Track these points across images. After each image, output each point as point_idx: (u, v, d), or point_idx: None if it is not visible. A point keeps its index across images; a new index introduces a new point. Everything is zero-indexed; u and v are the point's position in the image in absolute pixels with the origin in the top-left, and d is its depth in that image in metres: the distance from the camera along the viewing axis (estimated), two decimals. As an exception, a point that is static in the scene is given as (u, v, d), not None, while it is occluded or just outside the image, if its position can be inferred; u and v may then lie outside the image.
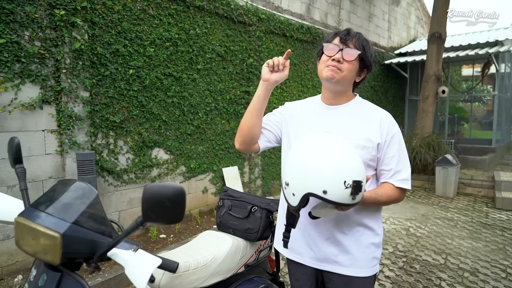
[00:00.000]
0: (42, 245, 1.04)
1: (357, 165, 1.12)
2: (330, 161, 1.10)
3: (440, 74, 7.80)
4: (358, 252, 1.38)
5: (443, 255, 3.67)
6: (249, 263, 1.80)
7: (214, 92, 4.67)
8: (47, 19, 2.97)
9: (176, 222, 0.99)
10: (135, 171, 3.81)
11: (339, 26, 7.53)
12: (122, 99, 3.60)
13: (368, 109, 1.43)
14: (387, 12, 9.64)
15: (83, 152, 3.06)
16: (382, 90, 9.29)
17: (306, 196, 1.10)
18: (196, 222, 4.42)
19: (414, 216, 5.10)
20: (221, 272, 1.63)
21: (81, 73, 3.19)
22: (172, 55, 4.05)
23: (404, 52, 10.02)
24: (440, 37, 7.57)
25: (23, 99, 2.90)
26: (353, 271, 1.38)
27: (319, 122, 1.43)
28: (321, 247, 1.40)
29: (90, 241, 1.07)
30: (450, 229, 4.53)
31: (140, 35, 3.70)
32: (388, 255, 3.65)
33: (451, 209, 5.47)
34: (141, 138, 3.83)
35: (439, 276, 3.20)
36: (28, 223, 1.05)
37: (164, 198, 0.94)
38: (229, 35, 4.81)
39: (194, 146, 4.48)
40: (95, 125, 3.39)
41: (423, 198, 6.22)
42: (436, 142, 7.13)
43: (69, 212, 1.08)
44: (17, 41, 2.81)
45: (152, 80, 3.85)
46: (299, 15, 6.42)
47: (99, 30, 3.34)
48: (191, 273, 1.52)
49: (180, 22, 4.11)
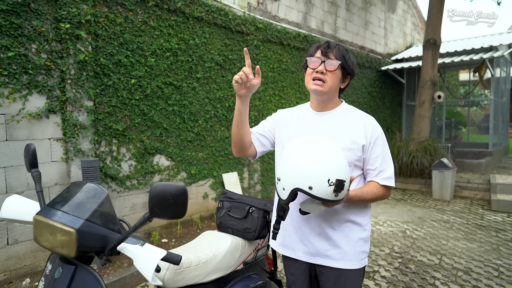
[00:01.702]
0: (59, 240, 1.15)
1: (341, 165, 1.25)
2: (316, 160, 1.23)
3: (436, 80, 7.95)
4: (347, 246, 1.49)
5: (438, 256, 3.76)
6: (247, 261, 1.91)
7: (214, 100, 4.80)
8: (53, 32, 3.11)
9: (179, 217, 1.11)
10: (137, 178, 3.92)
11: (335, 34, 7.71)
12: (125, 108, 3.73)
13: (353, 114, 1.56)
14: (383, 19, 9.84)
15: (87, 159, 3.18)
16: (380, 96, 9.44)
17: (294, 190, 1.24)
18: (197, 227, 4.52)
19: (411, 218, 5.19)
20: (221, 269, 1.74)
21: (85, 83, 3.32)
22: (172, 65, 4.20)
23: (401, 58, 10.20)
24: (435, 43, 7.73)
25: (31, 109, 3.03)
26: (343, 264, 1.49)
27: (310, 126, 1.56)
28: (313, 242, 1.51)
29: (101, 236, 1.19)
30: (445, 231, 4.62)
31: (142, 46, 3.84)
32: (384, 256, 3.74)
33: (447, 212, 5.57)
34: (143, 145, 3.95)
35: (434, 275, 3.30)
36: (46, 220, 1.17)
37: (169, 195, 1.06)
38: (228, 44, 4.96)
39: (195, 152, 4.60)
40: (99, 133, 3.52)
41: (420, 201, 6.32)
42: (433, 146, 7.24)
43: (82, 210, 1.20)
44: (24, 53, 2.95)
45: (153, 89, 3.99)
46: (296, 24, 6.59)
47: (102, 42, 3.48)
48: (192, 269, 1.63)
49: (180, 32, 4.26)
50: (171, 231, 4.30)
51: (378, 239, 4.31)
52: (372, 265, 3.53)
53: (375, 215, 5.39)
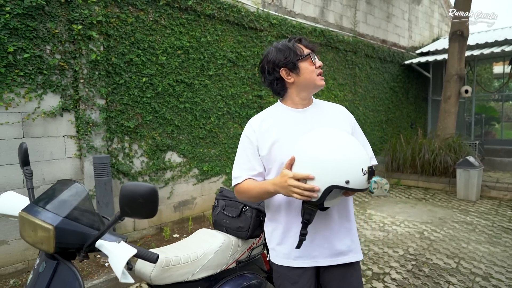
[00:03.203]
0: (40, 236, 1.19)
1: (364, 152, 1.24)
2: (348, 153, 1.19)
3: (463, 73, 7.56)
4: (355, 236, 1.50)
5: (456, 259, 3.59)
6: (240, 260, 1.90)
7: (226, 97, 4.81)
8: (66, 33, 3.23)
9: (150, 217, 1.12)
10: (149, 174, 4.01)
11: (355, 28, 7.50)
12: (136, 106, 3.82)
13: (327, 104, 1.59)
14: (407, 11, 9.45)
15: (99, 156, 3.28)
16: (403, 91, 9.11)
17: (330, 188, 1.15)
18: (209, 223, 4.57)
19: (430, 219, 4.99)
20: (211, 267, 1.74)
21: (98, 82, 3.43)
22: (183, 63, 4.24)
23: (426, 52, 9.76)
24: (462, 35, 7.34)
25: (45, 107, 3.17)
26: (355, 256, 1.46)
27: (297, 124, 1.45)
28: (335, 241, 1.42)
29: (80, 233, 1.22)
30: (467, 233, 4.40)
31: (153, 44, 3.91)
32: (397, 258, 3.62)
33: (471, 213, 5.30)
34: (155, 142, 4.03)
35: (448, 280, 3.15)
36: (28, 217, 1.21)
37: (138, 195, 1.07)
38: (240, 41, 4.95)
39: (207, 149, 4.64)
40: (111, 130, 3.62)
41: (443, 201, 6.05)
42: (458, 143, 6.90)
43: (62, 207, 1.23)
44: (39, 55, 3.08)
45: (164, 87, 4.05)
46: (313, 19, 6.46)
47: (114, 42, 3.57)
48: (181, 266, 1.64)
49: (191, 30, 4.30)
50: (183, 227, 4.38)
51: (393, 239, 4.17)
52: (384, 266, 3.43)
53: (393, 214, 5.22)
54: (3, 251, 3.00)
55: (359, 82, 7.59)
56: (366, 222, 4.87)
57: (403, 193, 6.64)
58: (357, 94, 7.57)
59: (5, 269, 3.00)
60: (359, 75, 7.55)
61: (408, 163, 7.25)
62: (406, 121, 9.42)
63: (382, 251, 3.81)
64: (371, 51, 7.77)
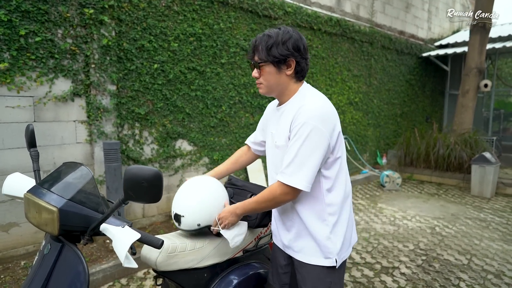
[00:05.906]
0: (44, 218, 1.18)
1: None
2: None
3: (483, 67, 7.30)
4: (305, 240, 1.58)
5: (468, 256, 3.50)
6: (247, 249, 1.87)
7: (238, 86, 4.76)
8: (77, 17, 3.21)
9: (154, 201, 1.08)
10: (159, 161, 4.01)
11: (372, 18, 7.29)
12: (147, 92, 3.80)
13: (297, 103, 1.41)
14: (428, 1, 9.14)
15: (109, 142, 3.29)
16: (419, 84, 8.87)
17: None
18: (217, 212, 4.56)
19: (443, 215, 4.88)
20: (217, 255, 1.72)
21: (109, 67, 3.41)
22: (196, 50, 4.19)
23: (446, 44, 9.46)
24: (484, 27, 7.07)
25: (56, 92, 3.17)
26: (301, 256, 1.56)
27: (272, 123, 1.56)
28: (282, 233, 1.65)
29: (84, 216, 1.20)
30: (480, 230, 4.28)
31: (165, 30, 3.86)
32: (407, 253, 3.55)
33: (485, 210, 5.16)
34: (165, 130, 4.02)
35: (459, 276, 3.07)
36: (33, 198, 1.20)
37: (141, 179, 1.04)
38: (254, 29, 4.86)
39: (218, 138, 4.61)
40: (122, 116, 3.62)
41: (456, 197, 5.91)
42: (474, 139, 6.71)
43: (67, 190, 1.21)
44: (51, 38, 3.07)
45: (176, 74, 4.02)
46: (329, 8, 6.30)
47: (126, 27, 3.54)
48: (187, 253, 1.62)
49: (204, 17, 4.23)
50: (192, 215, 4.38)
51: (403, 234, 4.10)
52: (393, 260, 3.37)
53: (404, 209, 5.13)
54: (14, 233, 3.05)
55: (374, 74, 7.41)
56: (376, 215, 4.80)
57: (416, 188, 6.51)
58: (372, 86, 7.40)
59: (16, 250, 3.06)
60: (374, 67, 7.37)
61: (422, 157, 7.10)
62: (421, 115, 9.20)
63: (392, 245, 3.74)
64: (388, 42, 7.56)
